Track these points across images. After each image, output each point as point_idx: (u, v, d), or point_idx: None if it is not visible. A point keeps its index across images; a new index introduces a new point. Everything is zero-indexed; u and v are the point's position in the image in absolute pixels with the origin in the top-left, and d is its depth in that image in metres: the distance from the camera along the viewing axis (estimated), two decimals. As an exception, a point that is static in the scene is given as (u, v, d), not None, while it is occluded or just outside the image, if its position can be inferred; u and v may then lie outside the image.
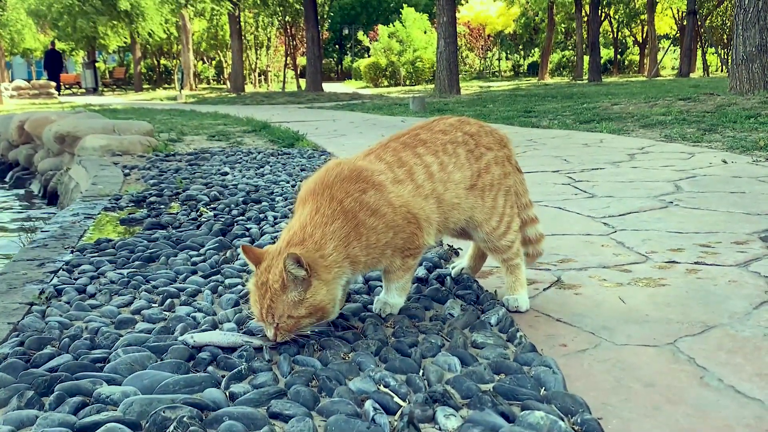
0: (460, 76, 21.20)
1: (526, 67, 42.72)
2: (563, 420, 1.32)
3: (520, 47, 43.25)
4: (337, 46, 49.41)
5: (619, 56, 40.38)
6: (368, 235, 1.74)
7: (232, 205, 3.63)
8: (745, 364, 1.61)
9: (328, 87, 27.65)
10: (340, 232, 1.70)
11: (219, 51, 38.96)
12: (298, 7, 29.46)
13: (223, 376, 1.54)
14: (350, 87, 32.84)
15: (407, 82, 33.41)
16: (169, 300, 2.08)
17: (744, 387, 1.49)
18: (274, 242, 2.75)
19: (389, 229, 1.78)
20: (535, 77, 35.58)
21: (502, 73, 42.46)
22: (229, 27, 30.54)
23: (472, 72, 40.83)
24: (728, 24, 28.94)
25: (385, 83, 34.21)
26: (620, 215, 3.25)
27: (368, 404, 1.37)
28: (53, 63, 30.32)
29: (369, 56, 38.37)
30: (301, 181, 4.42)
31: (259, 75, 38.02)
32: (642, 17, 35.87)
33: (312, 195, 1.76)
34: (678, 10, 33.91)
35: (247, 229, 3.05)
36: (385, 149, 1.91)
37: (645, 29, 35.46)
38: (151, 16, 31.85)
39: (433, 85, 21.07)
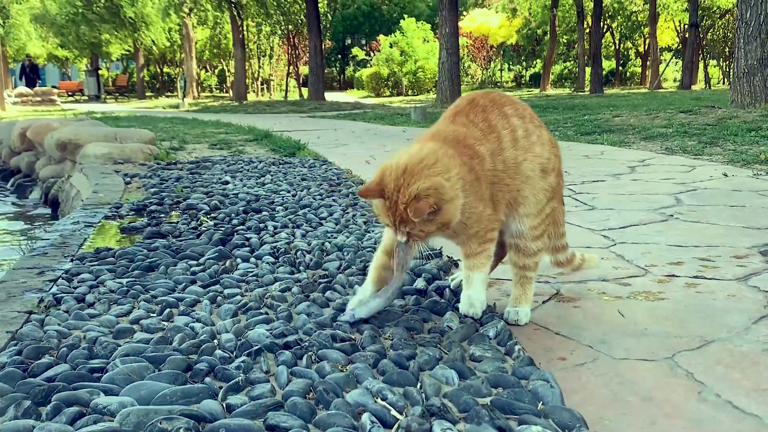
0: (462, 86, 21.28)
1: (528, 78, 42.81)
2: (560, 434, 1.32)
3: (523, 58, 43.38)
4: (339, 56, 49.55)
5: (621, 68, 40.47)
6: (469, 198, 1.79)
7: (233, 215, 3.63)
8: (742, 378, 1.60)
9: (331, 96, 27.73)
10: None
11: (222, 59, 39.15)
12: (301, 17, 29.58)
13: (221, 387, 1.53)
14: (352, 96, 32.95)
15: (409, 92, 33.49)
16: (167, 310, 2.08)
17: (741, 402, 1.49)
18: (273, 253, 2.77)
19: (479, 201, 1.82)
20: (537, 88, 35.65)
21: (504, 84, 42.55)
22: (232, 35, 30.70)
23: (474, 82, 40.92)
24: (730, 37, 29.01)
25: (387, 93, 34.31)
26: (620, 228, 3.25)
27: (365, 417, 1.37)
28: (30, 73, 30.68)
29: (372, 65, 38.47)
30: (302, 191, 4.43)
31: (262, 84, 38.16)
32: (644, 29, 35.98)
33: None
34: (680, 23, 34.04)
35: (247, 239, 3.05)
36: (474, 109, 1.91)
37: (647, 41, 35.57)
38: (154, 24, 32.08)
39: (435, 95, 21.10)
